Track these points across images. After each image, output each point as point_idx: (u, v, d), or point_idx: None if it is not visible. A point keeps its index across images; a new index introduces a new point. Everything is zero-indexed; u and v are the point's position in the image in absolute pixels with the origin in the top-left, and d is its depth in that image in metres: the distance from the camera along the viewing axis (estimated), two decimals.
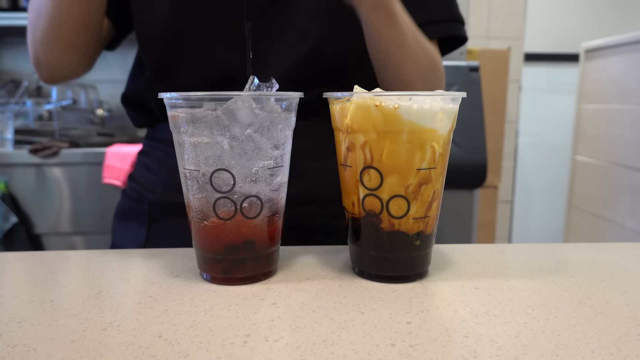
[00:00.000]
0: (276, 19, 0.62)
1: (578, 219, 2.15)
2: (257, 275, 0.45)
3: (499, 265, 0.49)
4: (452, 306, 0.39)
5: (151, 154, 0.70)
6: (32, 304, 0.40)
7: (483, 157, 1.63)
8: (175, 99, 0.41)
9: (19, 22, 1.87)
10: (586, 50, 2.08)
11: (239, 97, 0.40)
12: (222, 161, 0.41)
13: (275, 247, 0.46)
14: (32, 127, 1.89)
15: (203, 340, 0.34)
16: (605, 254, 0.53)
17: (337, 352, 0.32)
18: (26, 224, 1.72)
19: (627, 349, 0.33)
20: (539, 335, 0.35)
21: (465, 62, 1.72)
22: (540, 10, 2.68)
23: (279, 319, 0.37)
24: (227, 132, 0.40)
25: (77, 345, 0.33)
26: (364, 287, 0.43)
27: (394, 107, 0.40)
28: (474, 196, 1.71)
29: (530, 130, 2.76)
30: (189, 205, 0.44)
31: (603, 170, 1.96)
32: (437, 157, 0.42)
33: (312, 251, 0.54)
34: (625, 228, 1.83)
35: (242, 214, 0.42)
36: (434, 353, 0.32)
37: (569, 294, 0.42)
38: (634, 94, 1.79)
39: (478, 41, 2.21)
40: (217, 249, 0.43)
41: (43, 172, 1.69)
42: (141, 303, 0.40)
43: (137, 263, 0.49)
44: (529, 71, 2.65)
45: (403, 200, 0.42)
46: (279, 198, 0.45)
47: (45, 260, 0.51)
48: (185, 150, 0.42)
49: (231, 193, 0.41)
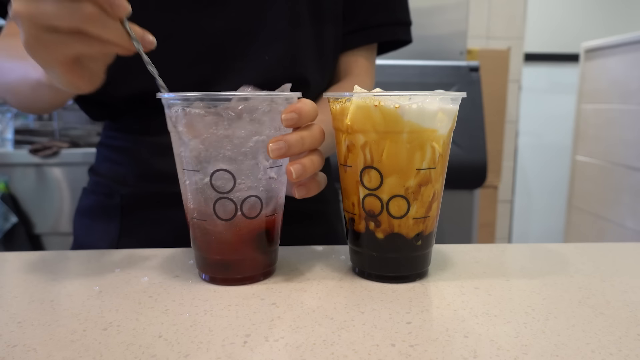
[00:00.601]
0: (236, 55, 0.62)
1: (578, 219, 2.15)
2: (256, 275, 0.45)
3: (499, 265, 0.49)
4: (452, 306, 0.39)
5: (116, 146, 0.67)
6: (32, 304, 0.40)
7: (483, 157, 1.63)
8: (173, 99, 0.41)
9: None
10: (586, 50, 2.08)
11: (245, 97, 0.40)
12: (221, 161, 0.41)
13: (275, 246, 0.46)
14: (32, 127, 1.89)
15: (203, 340, 0.34)
16: (605, 254, 0.53)
17: (337, 352, 0.32)
18: (26, 224, 1.72)
19: (627, 349, 0.33)
20: (539, 335, 0.35)
21: (465, 62, 1.72)
22: (540, 10, 2.68)
23: (279, 319, 0.37)
24: (227, 132, 0.40)
25: (77, 345, 0.33)
26: (364, 287, 0.43)
27: (394, 107, 0.40)
28: (474, 196, 1.71)
29: (530, 131, 2.76)
30: (187, 206, 0.44)
31: (603, 170, 1.96)
32: (437, 157, 0.42)
33: (312, 251, 0.54)
34: (625, 228, 1.83)
35: (242, 214, 0.42)
36: (434, 353, 0.32)
37: (569, 294, 0.42)
38: (634, 94, 1.79)
39: (478, 41, 2.21)
40: (216, 250, 0.43)
41: (43, 172, 1.69)
42: (141, 303, 0.40)
43: (137, 263, 0.49)
44: (529, 71, 2.65)
45: (403, 200, 0.42)
46: (278, 197, 0.45)
47: (45, 260, 0.51)
48: (184, 150, 0.42)
49: (231, 193, 0.41)
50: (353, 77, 0.69)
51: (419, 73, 1.67)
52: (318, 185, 0.44)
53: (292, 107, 0.41)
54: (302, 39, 0.63)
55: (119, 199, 0.65)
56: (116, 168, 0.66)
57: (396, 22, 0.70)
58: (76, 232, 0.70)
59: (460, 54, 1.80)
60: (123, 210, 0.65)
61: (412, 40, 0.72)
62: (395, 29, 0.70)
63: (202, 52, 0.60)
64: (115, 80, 0.53)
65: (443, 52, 1.73)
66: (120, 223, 0.65)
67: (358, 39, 0.69)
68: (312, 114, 0.42)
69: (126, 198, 0.65)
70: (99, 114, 0.67)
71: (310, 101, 0.42)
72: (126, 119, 0.66)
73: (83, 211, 0.70)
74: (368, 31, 0.69)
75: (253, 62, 0.61)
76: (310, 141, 0.42)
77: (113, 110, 0.65)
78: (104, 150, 0.69)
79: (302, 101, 0.41)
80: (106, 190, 0.66)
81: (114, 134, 0.68)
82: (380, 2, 0.68)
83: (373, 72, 0.73)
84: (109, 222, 0.65)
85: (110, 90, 0.54)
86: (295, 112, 0.40)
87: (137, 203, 0.64)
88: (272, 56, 0.61)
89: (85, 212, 0.69)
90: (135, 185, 0.64)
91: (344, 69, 0.71)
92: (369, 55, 0.71)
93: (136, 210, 0.64)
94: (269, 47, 0.61)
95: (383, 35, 0.70)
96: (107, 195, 0.66)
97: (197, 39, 0.60)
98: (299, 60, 0.63)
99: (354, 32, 0.69)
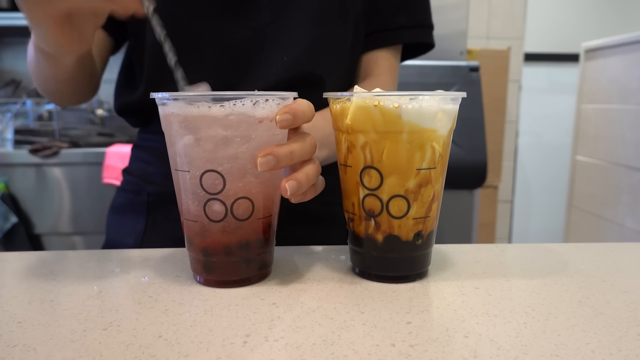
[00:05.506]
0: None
1: (578, 219, 2.15)
2: (251, 277, 0.44)
3: (499, 265, 0.49)
4: (452, 306, 0.39)
5: (147, 147, 0.71)
6: (32, 304, 0.40)
7: (483, 157, 1.63)
8: (166, 99, 0.40)
9: (19, 22, 1.87)
10: (586, 50, 2.08)
11: (237, 96, 0.39)
12: (212, 162, 0.40)
13: (269, 248, 0.45)
14: (32, 127, 1.89)
15: (203, 340, 0.34)
16: (605, 254, 0.53)
17: (337, 352, 0.32)
18: (26, 224, 1.72)
19: (627, 349, 0.33)
20: (539, 335, 0.35)
21: (465, 62, 1.72)
22: (540, 10, 2.68)
23: (279, 319, 0.37)
24: (218, 132, 0.39)
25: (77, 345, 0.33)
26: (364, 287, 0.43)
27: (394, 107, 0.40)
28: (474, 196, 1.71)
29: (530, 130, 2.76)
30: (180, 207, 0.43)
31: (603, 170, 1.96)
32: (437, 157, 0.42)
33: (312, 251, 0.54)
34: (625, 228, 1.83)
35: (232, 215, 0.41)
36: (434, 353, 0.32)
37: (569, 294, 0.42)
38: (634, 94, 1.79)
39: (478, 41, 2.21)
40: (208, 251, 0.43)
41: (43, 172, 1.69)
42: (141, 303, 0.40)
43: (137, 263, 0.49)
44: (529, 71, 2.65)
45: (403, 200, 0.42)
46: (272, 200, 0.44)
47: (45, 260, 0.51)
48: (177, 150, 0.41)
49: (221, 194, 0.41)
50: (373, 78, 0.69)
51: (418, 73, 1.67)
52: (315, 190, 0.44)
53: (286, 108, 0.40)
54: (321, 40, 0.64)
55: (146, 196, 0.68)
56: (145, 167, 0.70)
57: (417, 24, 0.70)
58: (108, 228, 0.73)
59: (460, 54, 1.80)
60: (149, 207, 0.68)
61: (434, 44, 0.72)
62: (417, 32, 0.70)
63: (227, 58, 0.62)
64: (151, 88, 0.55)
65: (443, 52, 1.73)
66: (145, 219, 0.67)
67: (379, 40, 0.70)
68: (307, 115, 0.41)
69: (152, 195, 0.68)
70: (137, 122, 0.71)
71: (306, 101, 0.42)
72: (158, 121, 0.68)
73: (115, 208, 0.73)
74: (389, 33, 0.69)
75: (274, 65, 0.62)
76: (300, 155, 0.41)
77: (148, 116, 0.69)
78: (136, 151, 0.73)
79: (298, 102, 0.41)
80: (135, 188, 0.70)
81: (146, 136, 0.71)
82: (402, 4, 0.69)
83: (395, 73, 0.72)
84: (136, 218, 0.68)
85: (147, 98, 0.56)
86: (290, 112, 0.40)
87: (162, 200, 0.67)
88: (290, 57, 0.62)
89: (117, 209, 0.72)
90: (161, 183, 0.67)
91: (364, 69, 0.71)
92: (390, 57, 0.71)
93: (160, 208, 0.67)
94: (289, 49, 0.62)
95: (404, 38, 0.70)
96: (135, 193, 0.69)
97: (223, 46, 0.62)
98: (316, 59, 0.64)
99: (375, 33, 0.69)
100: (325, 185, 0.46)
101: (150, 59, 0.63)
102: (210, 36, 0.62)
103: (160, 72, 0.64)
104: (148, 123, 0.71)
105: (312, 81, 0.63)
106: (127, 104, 0.68)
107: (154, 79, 0.63)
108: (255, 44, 0.62)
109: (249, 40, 0.62)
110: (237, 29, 0.62)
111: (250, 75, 0.63)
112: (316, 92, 0.60)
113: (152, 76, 0.63)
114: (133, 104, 0.67)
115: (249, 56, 0.62)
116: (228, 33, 0.62)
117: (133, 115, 0.70)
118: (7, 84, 2.10)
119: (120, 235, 0.70)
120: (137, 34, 0.64)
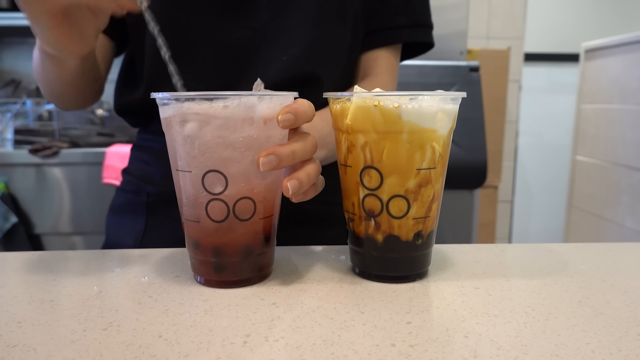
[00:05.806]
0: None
1: (578, 219, 2.15)
2: (252, 278, 0.44)
3: (499, 265, 0.49)
4: (452, 306, 0.39)
5: (146, 147, 0.71)
6: (32, 304, 0.40)
7: (483, 157, 1.63)
8: (167, 99, 0.40)
9: (19, 22, 1.87)
10: (586, 50, 2.08)
11: (239, 96, 0.39)
12: (214, 162, 0.40)
13: (270, 249, 0.45)
14: (32, 127, 1.89)
15: (203, 340, 0.34)
16: (605, 254, 0.53)
17: (337, 352, 0.32)
18: (26, 224, 1.72)
19: (627, 349, 0.33)
20: (539, 335, 0.35)
21: (465, 62, 1.72)
22: (540, 10, 2.68)
23: (279, 319, 0.37)
24: (219, 132, 0.39)
25: (77, 345, 0.33)
26: (364, 287, 0.43)
27: (394, 107, 0.40)
28: (474, 196, 1.71)
29: (530, 130, 2.76)
30: (181, 207, 0.43)
31: (603, 170, 1.96)
32: (437, 157, 0.42)
33: (312, 251, 0.54)
34: (625, 228, 1.83)
35: (235, 215, 0.41)
36: (434, 353, 0.32)
37: (569, 294, 0.42)
38: (634, 94, 1.79)
39: (478, 41, 2.21)
40: (208, 252, 0.43)
41: (43, 172, 1.69)
42: (141, 303, 0.40)
43: (137, 263, 0.49)
44: (529, 71, 2.65)
45: (403, 200, 0.42)
46: (274, 199, 0.44)
47: (45, 260, 0.51)
48: (178, 151, 0.41)
49: (223, 195, 0.41)
50: (373, 77, 0.70)
51: (418, 73, 1.67)
52: (315, 190, 0.44)
53: (288, 108, 0.40)
54: (320, 40, 0.64)
55: (146, 196, 0.68)
56: (145, 167, 0.70)
57: (417, 24, 0.70)
58: (107, 229, 0.73)
59: (460, 54, 1.80)
60: (148, 207, 0.68)
61: (434, 44, 0.72)
62: (416, 31, 0.70)
63: (226, 58, 0.62)
64: (151, 88, 0.55)
65: (443, 52, 1.73)
66: (145, 219, 0.68)
67: (378, 40, 0.70)
68: (308, 114, 0.42)
69: (152, 196, 0.68)
70: (137, 122, 0.72)
71: (307, 101, 0.42)
72: (157, 122, 0.69)
73: (114, 209, 0.73)
74: (388, 32, 0.69)
75: (274, 65, 0.62)
76: (301, 154, 0.42)
77: (148, 116, 0.69)
78: (136, 152, 0.73)
79: (299, 101, 0.41)
80: (135, 189, 0.70)
81: (146, 136, 0.71)
82: (401, 4, 0.69)
83: (395, 73, 0.72)
84: (136, 218, 0.68)
85: (147, 98, 0.57)
86: (292, 112, 0.40)
87: (161, 201, 0.67)
88: (289, 57, 0.62)
89: (116, 209, 0.72)
90: (161, 184, 0.67)
91: (364, 68, 0.71)
92: (390, 56, 0.71)
93: (160, 208, 0.67)
94: (288, 49, 0.63)
95: (403, 37, 0.70)
96: (135, 193, 0.69)
97: (223, 46, 0.62)
98: (315, 59, 0.64)
99: (374, 32, 0.69)
100: (324, 185, 0.46)
101: (150, 60, 0.63)
102: (210, 36, 0.62)
103: (160, 72, 0.64)
104: (148, 123, 0.71)
105: (311, 81, 0.64)
106: (127, 104, 0.68)
107: (154, 79, 0.63)
108: (254, 43, 0.62)
109: (248, 40, 0.62)
110: (236, 28, 0.62)
111: (249, 74, 0.63)
112: (315, 91, 0.59)
113: (152, 76, 0.63)
114: (133, 104, 0.67)
115: (248, 56, 0.63)
116: (227, 33, 0.62)
117: (133, 116, 0.70)
118: (7, 84, 2.10)
119: (120, 236, 0.70)
120: (137, 34, 0.64)
